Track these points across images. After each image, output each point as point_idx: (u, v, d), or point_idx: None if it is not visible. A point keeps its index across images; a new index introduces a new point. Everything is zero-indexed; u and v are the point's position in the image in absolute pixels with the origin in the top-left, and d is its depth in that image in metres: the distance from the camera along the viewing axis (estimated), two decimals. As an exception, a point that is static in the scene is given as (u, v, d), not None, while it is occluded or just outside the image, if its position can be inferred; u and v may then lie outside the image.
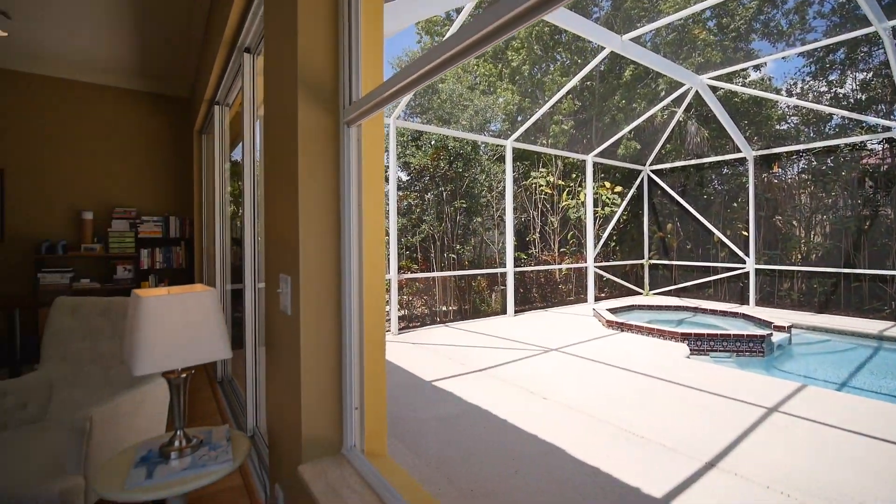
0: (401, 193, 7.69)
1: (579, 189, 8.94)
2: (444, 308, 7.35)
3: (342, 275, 1.31)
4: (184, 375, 1.33)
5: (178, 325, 1.22)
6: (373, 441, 1.31)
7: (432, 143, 8.06)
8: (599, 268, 8.72)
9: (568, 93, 10.04)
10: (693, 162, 8.68)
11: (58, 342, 2.12)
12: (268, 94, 1.66)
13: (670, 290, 8.97)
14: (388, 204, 5.79)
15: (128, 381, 2.05)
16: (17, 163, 4.55)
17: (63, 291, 4.36)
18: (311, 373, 1.27)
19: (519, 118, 11.30)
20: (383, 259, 1.41)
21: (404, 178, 8.06)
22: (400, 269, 6.39)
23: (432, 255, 7.81)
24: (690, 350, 4.87)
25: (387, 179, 5.88)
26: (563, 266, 8.54)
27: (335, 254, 1.32)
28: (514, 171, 7.74)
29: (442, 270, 7.66)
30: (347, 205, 1.29)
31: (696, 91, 6.83)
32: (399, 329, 6.09)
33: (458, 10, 4.55)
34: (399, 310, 6.20)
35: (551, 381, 3.81)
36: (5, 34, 3.97)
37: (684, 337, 5.07)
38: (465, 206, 8.03)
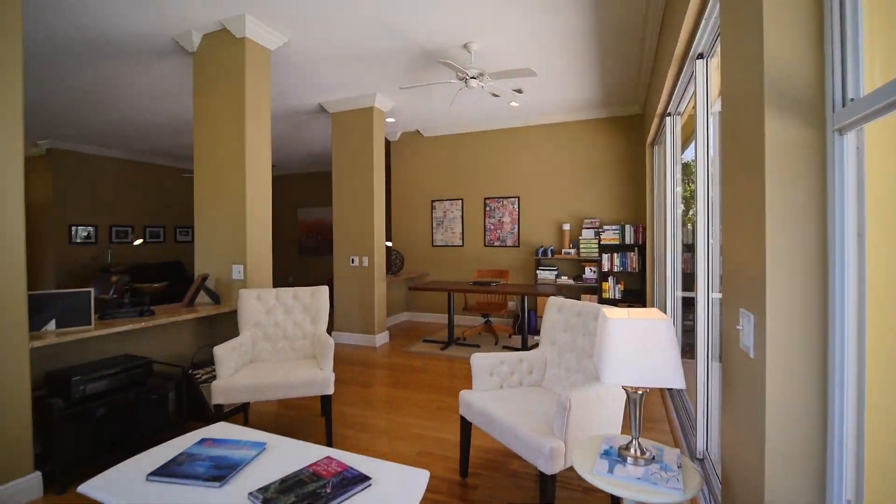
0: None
1: None
2: None
3: (829, 316, 1.03)
4: (640, 392, 1.46)
5: (635, 347, 1.36)
6: (882, 556, 0.95)
7: None
8: None
9: None
10: None
11: (549, 331, 2.83)
12: (725, 102, 1.52)
13: None
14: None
15: (593, 372, 2.47)
16: (526, 191, 6.44)
17: (550, 284, 5.76)
18: (777, 432, 1.08)
19: None
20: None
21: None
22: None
23: None
24: None
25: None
26: None
27: (817, 291, 1.05)
28: None
29: None
30: (839, 230, 1.00)
31: None
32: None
33: None
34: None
35: None
36: (517, 105, 5.71)
37: None
38: None
